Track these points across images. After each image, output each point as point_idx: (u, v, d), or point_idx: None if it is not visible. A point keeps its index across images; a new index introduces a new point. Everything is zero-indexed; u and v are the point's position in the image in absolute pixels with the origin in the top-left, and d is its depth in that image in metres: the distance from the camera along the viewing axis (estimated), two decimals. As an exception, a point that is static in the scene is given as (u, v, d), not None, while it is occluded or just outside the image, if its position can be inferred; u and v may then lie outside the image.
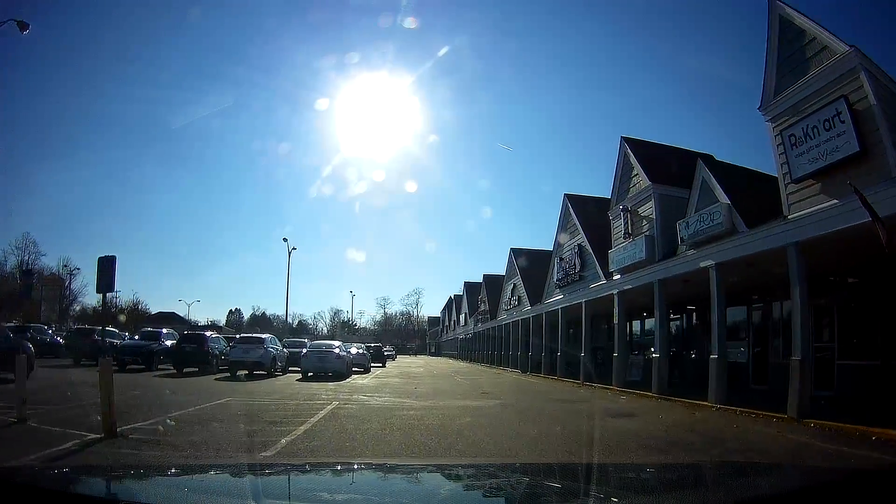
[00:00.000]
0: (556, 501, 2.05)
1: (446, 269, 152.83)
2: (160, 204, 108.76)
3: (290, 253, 37.71)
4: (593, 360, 21.37)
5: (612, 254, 18.77)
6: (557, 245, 25.57)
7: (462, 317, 62.38)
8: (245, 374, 20.19)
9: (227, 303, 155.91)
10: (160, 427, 8.08)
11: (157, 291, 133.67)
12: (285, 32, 70.78)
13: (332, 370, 20.98)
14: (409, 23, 41.07)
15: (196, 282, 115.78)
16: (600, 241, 20.38)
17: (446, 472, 2.70)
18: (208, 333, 23.79)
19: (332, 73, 70.21)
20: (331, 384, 17.82)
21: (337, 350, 22.32)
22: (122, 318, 52.10)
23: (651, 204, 16.92)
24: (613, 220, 19.26)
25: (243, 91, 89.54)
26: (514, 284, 34.54)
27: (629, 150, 18.39)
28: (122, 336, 28.05)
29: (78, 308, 63.38)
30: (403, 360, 53.40)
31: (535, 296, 28.84)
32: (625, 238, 18.01)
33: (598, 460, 6.07)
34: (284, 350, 24.18)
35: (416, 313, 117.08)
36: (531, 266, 31.28)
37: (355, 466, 2.99)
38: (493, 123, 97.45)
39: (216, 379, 18.41)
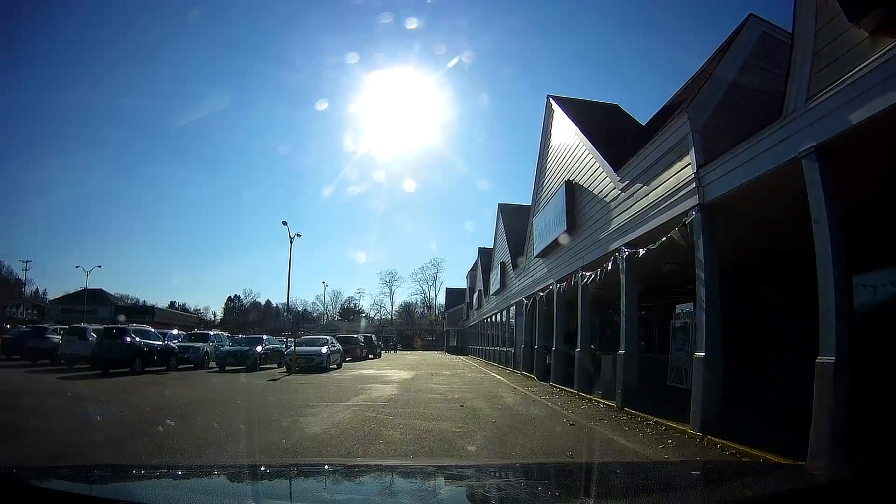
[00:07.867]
0: (557, 501, 2.05)
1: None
2: (167, 197, 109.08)
3: (291, 240, 32.43)
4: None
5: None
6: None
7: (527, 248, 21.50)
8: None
9: (224, 291, 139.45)
10: None
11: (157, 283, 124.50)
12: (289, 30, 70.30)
13: None
14: (410, 23, 41.10)
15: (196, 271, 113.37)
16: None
17: (446, 472, 2.68)
18: None
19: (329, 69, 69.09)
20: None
21: None
22: None
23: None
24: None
25: (248, 90, 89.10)
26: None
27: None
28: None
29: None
30: (356, 369, 24.80)
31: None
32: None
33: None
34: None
35: (433, 294, 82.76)
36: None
37: (355, 467, 2.98)
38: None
39: None
